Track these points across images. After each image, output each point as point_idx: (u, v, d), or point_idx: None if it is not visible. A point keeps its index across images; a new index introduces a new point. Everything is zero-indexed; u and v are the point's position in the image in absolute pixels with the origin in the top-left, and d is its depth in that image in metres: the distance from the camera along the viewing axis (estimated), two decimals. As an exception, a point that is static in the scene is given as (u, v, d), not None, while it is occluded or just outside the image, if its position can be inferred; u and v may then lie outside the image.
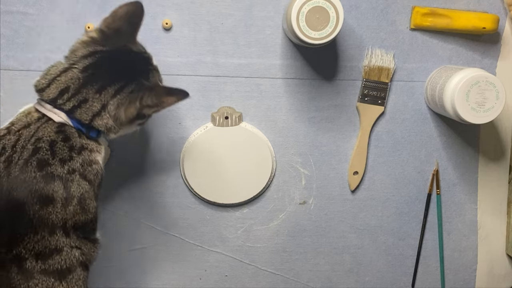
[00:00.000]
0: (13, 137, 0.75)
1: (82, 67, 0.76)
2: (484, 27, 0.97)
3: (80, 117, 0.76)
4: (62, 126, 0.76)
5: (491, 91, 0.88)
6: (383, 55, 0.98)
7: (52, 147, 0.75)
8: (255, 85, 0.99)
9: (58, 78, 0.76)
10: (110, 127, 0.78)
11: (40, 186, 0.73)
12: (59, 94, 0.76)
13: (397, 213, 1.02)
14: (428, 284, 1.04)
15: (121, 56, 0.78)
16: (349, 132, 1.00)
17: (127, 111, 0.78)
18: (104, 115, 0.77)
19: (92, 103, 0.76)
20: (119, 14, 0.79)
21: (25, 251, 0.73)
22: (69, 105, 0.76)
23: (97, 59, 0.77)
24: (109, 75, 0.77)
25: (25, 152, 0.74)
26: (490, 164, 1.02)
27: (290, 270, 1.03)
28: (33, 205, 0.73)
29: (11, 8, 0.95)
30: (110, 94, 0.76)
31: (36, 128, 0.76)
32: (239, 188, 0.99)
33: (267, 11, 0.97)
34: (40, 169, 0.73)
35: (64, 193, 0.74)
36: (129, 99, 0.77)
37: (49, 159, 0.74)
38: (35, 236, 0.73)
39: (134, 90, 0.77)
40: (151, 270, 1.01)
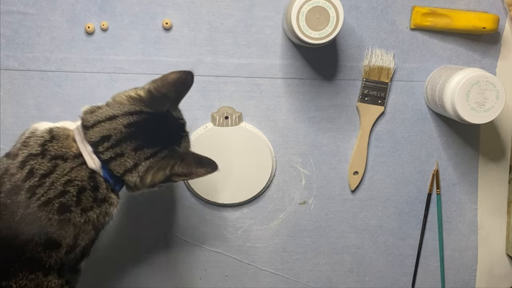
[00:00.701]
0: (46, 164, 0.74)
1: (126, 122, 0.76)
2: (484, 27, 0.97)
3: (113, 169, 0.76)
4: (93, 173, 0.76)
5: (491, 91, 0.88)
6: (383, 55, 0.98)
7: (79, 195, 0.74)
8: (255, 85, 0.99)
9: (103, 124, 0.76)
10: (136, 186, 0.78)
11: (51, 230, 0.72)
12: (100, 139, 0.76)
13: (397, 213, 1.02)
14: (428, 284, 1.04)
15: (162, 121, 0.79)
16: (349, 132, 1.00)
17: (154, 176, 0.78)
18: (134, 173, 0.77)
19: (127, 159, 0.76)
20: (169, 80, 0.78)
21: (15, 286, 0.71)
22: (107, 155, 0.76)
23: (141, 119, 0.77)
24: (148, 137, 0.77)
25: (51, 191, 0.73)
26: (490, 164, 1.02)
27: (290, 270, 1.03)
28: (37, 246, 0.71)
29: (11, 8, 0.95)
30: (145, 155, 0.77)
31: (70, 168, 0.75)
32: (239, 188, 0.99)
33: (267, 11, 0.97)
34: (60, 213, 0.73)
35: (71, 242, 0.74)
36: (159, 165, 0.77)
37: (72, 206, 0.74)
38: (29, 275, 0.72)
39: (166, 156, 0.78)
40: (152, 270, 1.01)
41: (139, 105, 0.77)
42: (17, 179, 0.73)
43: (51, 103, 0.97)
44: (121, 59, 0.97)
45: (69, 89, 0.97)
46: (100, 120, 0.76)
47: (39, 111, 0.97)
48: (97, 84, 0.97)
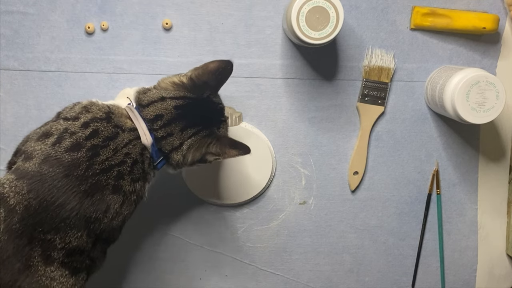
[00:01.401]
0: (111, 129, 0.79)
1: (174, 105, 0.82)
2: (484, 27, 0.97)
3: (163, 146, 0.82)
4: (144, 149, 0.81)
5: (491, 91, 0.88)
6: (383, 55, 0.98)
7: (133, 166, 0.80)
8: (255, 85, 0.99)
9: (156, 104, 0.82)
10: (178, 163, 0.84)
11: (106, 193, 0.77)
12: (155, 117, 0.81)
13: (397, 213, 1.02)
14: (428, 284, 1.04)
15: (203, 105, 0.84)
16: (349, 132, 1.00)
17: (194, 153, 0.83)
18: (179, 151, 0.83)
19: (175, 139, 0.82)
20: (209, 68, 0.84)
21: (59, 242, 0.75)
22: (160, 133, 0.81)
23: (185, 103, 0.83)
24: (192, 119, 0.83)
25: (115, 158, 0.78)
26: (490, 164, 1.02)
27: (290, 270, 1.03)
28: (91, 206, 0.76)
29: (11, 8, 0.95)
30: (188, 134, 0.82)
31: (128, 140, 0.80)
32: (239, 188, 0.99)
33: (267, 11, 0.97)
34: (116, 180, 0.78)
35: (117, 208, 0.79)
36: (199, 143, 0.83)
37: (126, 174, 0.79)
38: (77, 233, 0.76)
39: (205, 135, 0.83)
40: (151, 270, 1.01)
41: (183, 91, 0.83)
42: (78, 137, 0.77)
43: (51, 103, 0.97)
44: (121, 59, 0.97)
45: (69, 89, 0.97)
46: (153, 100, 0.82)
47: (39, 111, 0.97)
48: (97, 84, 0.97)
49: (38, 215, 0.74)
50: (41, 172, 0.75)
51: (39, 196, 0.74)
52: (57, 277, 0.76)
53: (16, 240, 0.73)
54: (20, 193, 0.74)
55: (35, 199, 0.74)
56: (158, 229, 1.00)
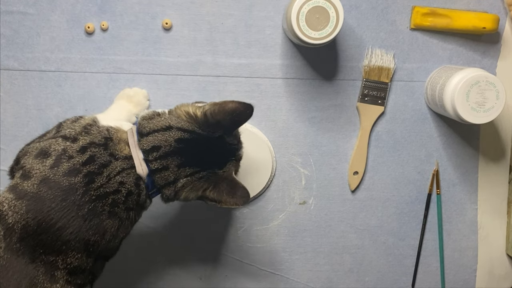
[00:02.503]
0: (106, 157, 0.78)
1: (178, 137, 0.79)
2: (484, 27, 0.97)
3: (156, 180, 0.80)
4: (139, 180, 0.80)
5: (491, 91, 0.88)
6: (383, 55, 0.98)
7: (127, 197, 0.79)
8: (255, 85, 0.99)
9: (157, 134, 0.79)
10: (169, 198, 0.82)
11: (103, 218, 0.77)
12: (151, 148, 0.79)
13: (397, 213, 1.02)
14: (428, 284, 1.04)
15: (210, 144, 0.80)
16: (349, 132, 1.00)
17: (187, 193, 0.81)
18: (172, 187, 0.80)
19: (170, 173, 0.79)
20: (227, 108, 0.79)
21: (61, 262, 0.76)
22: (155, 165, 0.79)
23: (191, 137, 0.79)
24: (192, 156, 0.79)
25: (109, 186, 0.77)
26: (490, 164, 1.02)
27: (290, 270, 1.03)
28: (89, 230, 0.77)
29: (11, 8, 0.95)
30: (185, 173, 0.79)
31: (121, 168, 0.78)
32: (239, 188, 0.99)
33: (267, 11, 0.97)
34: (111, 207, 0.78)
35: (114, 232, 0.79)
36: (193, 184, 0.80)
37: (120, 203, 0.78)
38: (77, 254, 0.77)
39: (202, 178, 0.80)
40: (152, 270, 1.01)
41: (193, 125, 0.79)
42: (76, 162, 0.77)
43: (51, 103, 0.97)
44: (121, 59, 0.97)
45: (69, 89, 0.97)
46: (155, 129, 0.79)
47: (39, 111, 0.97)
48: (97, 84, 0.97)
49: (38, 236, 0.75)
50: (39, 194, 0.75)
51: (37, 217, 0.74)
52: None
53: (18, 258, 0.74)
54: (18, 212, 0.75)
55: (33, 219, 0.74)
56: (158, 229, 1.00)
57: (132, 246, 1.00)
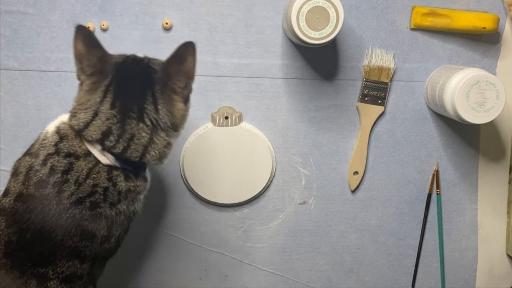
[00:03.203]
0: (63, 161, 0.75)
1: (110, 104, 0.74)
2: (484, 27, 0.97)
3: (130, 155, 0.75)
4: (110, 171, 0.76)
5: (491, 91, 0.88)
6: (383, 55, 0.98)
7: (106, 193, 0.76)
8: (255, 85, 0.99)
9: (93, 121, 0.74)
10: (164, 150, 0.77)
11: (86, 223, 0.75)
12: (102, 136, 0.74)
13: (397, 213, 1.02)
14: (428, 284, 1.04)
15: (124, 75, 0.76)
16: (349, 132, 1.00)
17: (175, 107, 0.77)
18: (156, 139, 0.76)
19: (140, 135, 0.75)
20: (78, 50, 0.75)
21: (52, 273, 0.75)
22: (119, 147, 0.74)
23: (115, 90, 0.75)
24: (134, 96, 0.75)
25: (81, 191, 0.74)
26: (490, 164, 1.02)
27: (290, 270, 1.03)
28: (74, 237, 0.75)
29: (11, 8, 0.95)
30: (153, 110, 0.75)
31: (88, 170, 0.75)
32: (239, 188, 0.99)
33: (267, 11, 0.97)
34: (91, 209, 0.75)
35: (105, 232, 0.77)
36: (168, 98, 0.76)
37: (101, 202, 0.76)
38: (67, 263, 0.75)
39: (162, 88, 0.76)
40: (152, 270, 1.01)
41: (101, 82, 0.75)
42: (42, 174, 0.75)
43: (51, 103, 0.97)
44: (121, 59, 0.97)
45: (69, 89, 0.97)
46: (89, 121, 0.75)
47: (39, 111, 0.97)
48: (97, 84, 0.97)
49: (23, 251, 0.74)
50: (16, 209, 0.74)
51: (17, 232, 0.74)
52: None
53: (7, 273, 0.74)
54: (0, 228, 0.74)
55: (14, 234, 0.74)
56: (158, 229, 1.00)
57: (131, 246, 1.00)
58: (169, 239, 1.01)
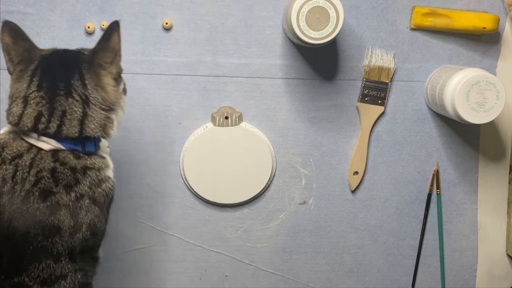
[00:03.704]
0: (10, 167, 0.74)
1: (36, 86, 0.75)
2: (484, 27, 0.97)
3: (68, 132, 0.74)
4: (55, 154, 0.74)
5: (491, 91, 0.88)
6: (383, 55, 0.98)
7: (54, 174, 0.73)
8: (255, 85, 0.99)
9: (25, 112, 0.74)
10: (104, 123, 0.77)
11: (44, 217, 0.72)
12: (35, 122, 0.74)
13: (397, 213, 1.02)
14: (428, 284, 1.04)
15: (52, 58, 0.77)
16: (349, 132, 1.00)
17: (104, 82, 0.77)
18: (91, 112, 0.75)
19: (72, 109, 0.75)
20: (5, 42, 0.76)
21: (29, 279, 0.72)
22: (53, 126, 0.74)
23: (41, 72, 0.75)
24: (61, 74, 0.76)
25: (26, 183, 0.72)
26: (490, 164, 1.02)
27: (290, 270, 1.03)
28: (36, 236, 0.72)
29: (11, 8, 0.95)
30: (80, 84, 0.75)
31: (31, 160, 0.74)
32: (239, 188, 0.99)
33: (267, 11, 0.97)
34: (43, 199, 0.72)
35: (71, 222, 0.73)
36: (94, 73, 0.76)
37: (52, 187, 0.73)
38: (39, 265, 0.72)
39: (88, 64, 0.76)
40: (151, 270, 1.01)
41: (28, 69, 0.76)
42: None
43: (51, 103, 0.97)
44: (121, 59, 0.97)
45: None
46: (21, 112, 0.74)
47: (39, 111, 0.97)
48: (97, 84, 0.97)
49: None
50: None
51: None
52: None
53: None
54: None
55: None
56: (158, 229, 1.00)
57: (130, 246, 1.00)
58: (169, 239, 1.01)
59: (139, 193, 0.99)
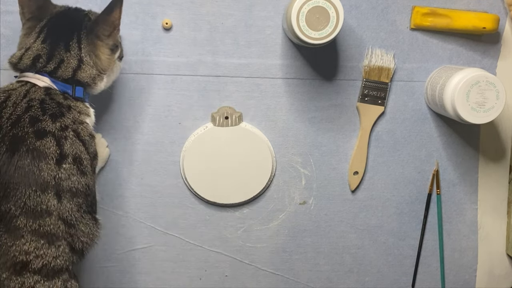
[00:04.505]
0: (1, 95, 0.79)
1: (41, 41, 0.82)
2: (484, 27, 0.97)
3: (62, 74, 0.81)
4: (48, 90, 0.80)
5: (491, 91, 0.88)
6: (383, 55, 0.98)
7: (42, 104, 0.78)
8: (255, 85, 0.99)
9: (26, 53, 0.81)
10: (95, 76, 0.83)
11: (31, 141, 0.75)
12: (33, 61, 0.81)
13: (397, 213, 1.02)
14: (428, 284, 1.04)
15: (59, 19, 0.84)
16: (349, 132, 1.00)
17: (99, 51, 0.84)
18: (84, 67, 0.82)
19: (69, 60, 0.81)
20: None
21: (15, 208, 0.73)
22: (50, 67, 0.81)
23: (47, 30, 0.82)
24: (63, 35, 0.82)
25: (18, 109, 0.77)
26: (490, 164, 1.02)
27: (290, 270, 1.03)
28: (25, 158, 0.74)
29: (11, 8, 0.95)
30: (76, 47, 0.82)
31: (25, 92, 0.79)
32: (239, 188, 0.99)
33: (267, 11, 0.97)
34: (32, 125, 0.76)
35: (57, 150, 0.76)
36: (91, 42, 0.83)
37: (40, 115, 0.77)
38: (26, 191, 0.73)
39: (87, 32, 0.83)
40: (151, 270, 1.01)
41: (36, 27, 0.83)
42: None
43: (51, 103, 0.97)
44: (121, 59, 0.97)
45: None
46: (23, 53, 0.82)
47: (39, 111, 0.97)
48: (97, 84, 0.97)
49: None
50: None
51: None
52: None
53: None
54: None
55: None
56: (158, 229, 1.00)
57: (130, 246, 1.00)
58: (169, 239, 1.01)
59: (139, 193, 0.99)
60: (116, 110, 0.97)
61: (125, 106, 0.97)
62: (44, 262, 0.74)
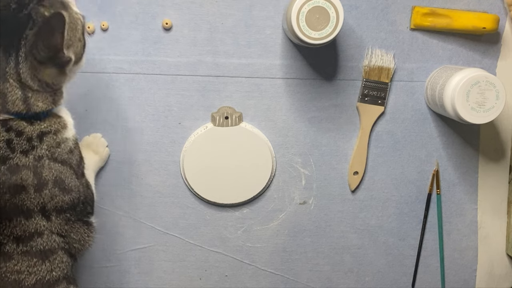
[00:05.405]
0: None
1: None
2: (484, 27, 0.97)
3: (15, 110, 0.72)
4: (6, 123, 0.73)
5: (491, 91, 0.88)
6: (383, 55, 0.98)
7: (9, 145, 0.72)
8: (255, 85, 0.99)
9: None
10: (53, 98, 0.75)
11: (6, 178, 0.72)
12: None
13: (397, 213, 1.02)
14: (428, 284, 1.04)
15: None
16: (349, 132, 1.00)
17: (44, 74, 0.72)
18: (33, 95, 0.72)
19: (11, 92, 0.71)
20: None
21: (2, 237, 0.73)
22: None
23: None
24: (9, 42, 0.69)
25: None
26: (490, 164, 1.02)
27: (290, 270, 1.03)
28: (3, 195, 0.72)
29: (11, 8, 0.95)
30: (14, 73, 0.70)
31: None
32: (239, 188, 0.99)
33: (267, 11, 0.97)
34: (3, 163, 0.72)
35: (34, 180, 0.73)
36: (31, 65, 0.71)
37: (10, 155, 0.72)
38: (10, 223, 0.73)
39: (26, 53, 0.70)
40: (151, 270, 1.01)
41: None
42: None
43: (51, 103, 0.97)
44: (121, 59, 0.97)
45: (69, 89, 0.96)
46: None
47: (39, 111, 0.97)
48: (97, 84, 0.97)
49: None
50: None
51: None
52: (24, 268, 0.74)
53: None
54: None
55: None
56: (158, 229, 1.00)
57: (130, 246, 1.00)
58: (169, 239, 1.01)
59: (139, 193, 0.99)
60: (116, 110, 0.97)
61: (125, 106, 0.97)
62: (37, 277, 0.74)
